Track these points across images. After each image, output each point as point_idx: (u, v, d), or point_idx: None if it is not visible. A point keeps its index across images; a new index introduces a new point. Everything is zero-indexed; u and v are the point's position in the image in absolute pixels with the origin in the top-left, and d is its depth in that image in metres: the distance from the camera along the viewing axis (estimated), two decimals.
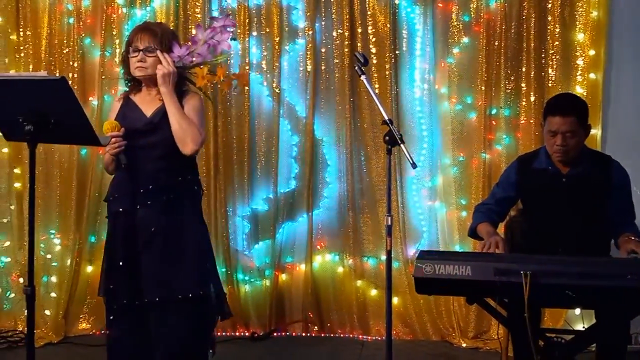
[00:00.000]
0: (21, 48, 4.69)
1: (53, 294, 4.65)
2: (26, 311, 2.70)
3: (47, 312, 4.61)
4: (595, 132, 4.32)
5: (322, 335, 4.68)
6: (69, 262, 4.66)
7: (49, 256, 4.68)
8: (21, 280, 4.63)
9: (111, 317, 3.04)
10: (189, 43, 3.05)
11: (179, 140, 2.95)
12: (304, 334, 4.70)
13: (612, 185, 3.31)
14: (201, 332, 3.05)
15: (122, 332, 3.03)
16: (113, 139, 2.92)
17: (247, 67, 4.64)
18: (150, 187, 2.97)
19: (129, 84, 3.13)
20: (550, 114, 3.25)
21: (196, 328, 3.02)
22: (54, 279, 4.67)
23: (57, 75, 3.31)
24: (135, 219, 2.98)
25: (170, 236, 2.98)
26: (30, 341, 2.71)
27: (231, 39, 3.04)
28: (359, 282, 4.69)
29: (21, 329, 4.57)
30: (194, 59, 3.02)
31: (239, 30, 4.65)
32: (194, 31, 4.56)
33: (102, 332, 4.57)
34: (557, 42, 4.47)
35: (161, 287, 2.95)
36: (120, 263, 2.97)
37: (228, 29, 3.02)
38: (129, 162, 2.96)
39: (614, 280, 2.61)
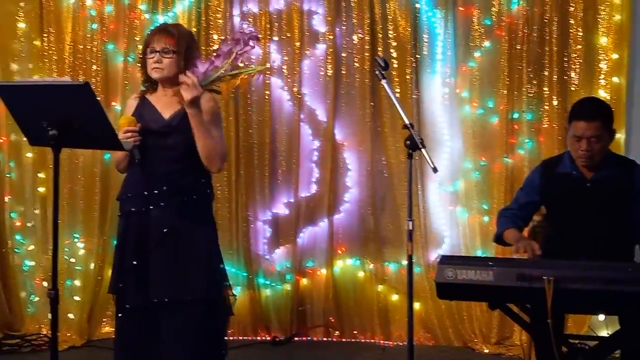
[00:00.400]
0: (45, 54, 4.75)
1: (77, 298, 4.69)
2: (50, 315, 2.72)
3: (71, 316, 4.65)
4: (619, 136, 4.28)
5: (343, 340, 4.67)
6: (92, 265, 4.70)
7: (72, 260, 4.72)
8: (45, 284, 4.68)
9: (120, 315, 3.04)
10: (213, 55, 3.02)
11: (206, 160, 2.96)
12: (325, 339, 4.70)
13: (635, 190, 3.28)
14: (212, 334, 3.05)
15: (131, 332, 3.03)
16: (129, 134, 2.91)
17: (268, 66, 4.63)
18: (165, 188, 2.97)
19: (146, 84, 3.13)
20: (575, 119, 3.22)
21: (207, 330, 3.01)
22: (77, 282, 4.71)
23: (81, 80, 3.34)
24: (148, 219, 2.98)
25: (182, 238, 2.98)
26: (54, 344, 2.74)
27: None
28: (380, 287, 4.68)
29: (45, 332, 4.61)
30: (218, 74, 2.98)
31: (260, 35, 4.67)
32: (215, 36, 4.63)
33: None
34: (579, 46, 4.45)
35: (171, 288, 2.95)
36: (134, 262, 2.97)
37: (252, 42, 2.98)
38: (143, 160, 2.96)
39: (638, 286, 2.58)
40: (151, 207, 2.98)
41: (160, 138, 2.97)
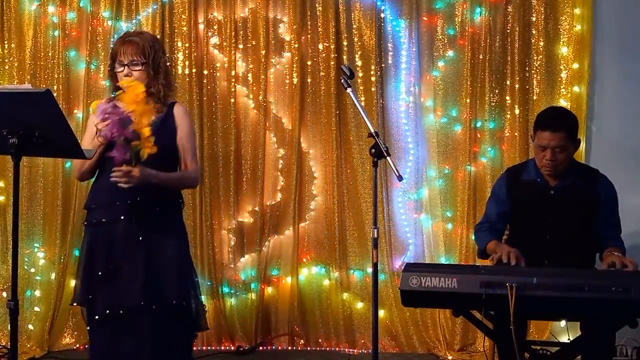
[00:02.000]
0: (5, 60, 4.67)
1: (37, 308, 4.60)
2: (9, 326, 2.68)
3: (31, 327, 4.57)
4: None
5: (308, 348, 4.66)
6: (53, 276, 4.62)
7: (32, 270, 4.64)
8: (4, 294, 4.58)
9: (88, 328, 3.03)
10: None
11: (180, 189, 3.12)
12: (289, 348, 4.68)
13: (599, 199, 3.32)
14: (183, 341, 3.08)
15: (103, 342, 3.01)
16: (107, 115, 2.83)
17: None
18: (138, 198, 2.96)
19: (114, 93, 3.09)
20: (540, 129, 3.25)
21: (179, 337, 3.03)
22: (37, 293, 4.63)
23: (42, 88, 3.29)
24: (119, 229, 2.97)
25: (154, 248, 2.98)
26: (14, 356, 2.69)
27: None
28: (345, 295, 4.68)
29: (4, 343, 4.51)
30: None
31: (225, 43, 4.66)
32: (179, 43, 4.59)
33: (86, 346, 4.55)
34: (541, 56, 4.52)
35: (142, 294, 2.94)
36: (100, 273, 2.96)
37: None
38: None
39: (598, 293, 2.62)
40: (122, 218, 2.96)
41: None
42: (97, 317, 2.96)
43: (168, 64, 3.17)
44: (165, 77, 3.06)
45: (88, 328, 3.02)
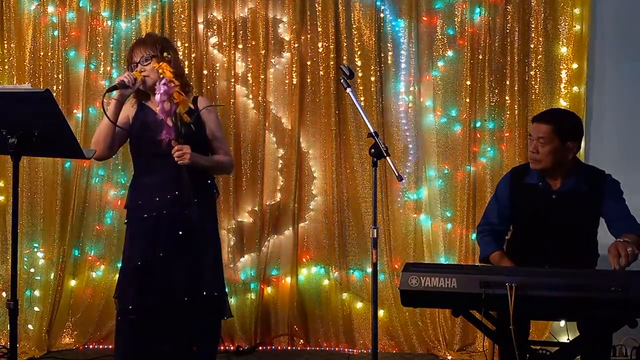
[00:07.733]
0: (5, 60, 4.66)
1: (36, 308, 4.60)
2: (9, 326, 2.68)
3: (30, 327, 4.56)
4: None
5: (308, 348, 4.66)
6: (52, 275, 4.62)
7: (32, 270, 4.64)
8: (4, 294, 4.58)
9: (118, 319, 3.20)
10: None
11: (218, 174, 3.33)
12: (289, 348, 4.68)
13: (603, 197, 3.29)
14: (213, 329, 3.34)
15: (133, 334, 3.16)
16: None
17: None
18: (176, 192, 3.15)
19: (136, 97, 3.31)
20: (533, 121, 3.35)
21: (210, 325, 3.28)
22: (37, 293, 4.63)
23: (41, 87, 3.31)
24: (160, 223, 3.16)
25: (195, 239, 3.16)
26: (13, 356, 2.69)
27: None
28: (345, 295, 4.68)
29: (4, 343, 4.51)
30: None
31: (224, 43, 4.66)
32: (179, 43, 4.60)
33: (86, 346, 4.58)
34: (540, 56, 4.53)
35: (188, 291, 3.14)
36: (139, 264, 3.13)
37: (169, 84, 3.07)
38: (151, 168, 3.18)
39: (597, 293, 2.63)
40: (164, 212, 3.16)
41: (166, 146, 3.12)
42: (130, 307, 3.12)
43: (179, 58, 3.39)
44: (176, 69, 3.20)
45: (118, 318, 3.19)
